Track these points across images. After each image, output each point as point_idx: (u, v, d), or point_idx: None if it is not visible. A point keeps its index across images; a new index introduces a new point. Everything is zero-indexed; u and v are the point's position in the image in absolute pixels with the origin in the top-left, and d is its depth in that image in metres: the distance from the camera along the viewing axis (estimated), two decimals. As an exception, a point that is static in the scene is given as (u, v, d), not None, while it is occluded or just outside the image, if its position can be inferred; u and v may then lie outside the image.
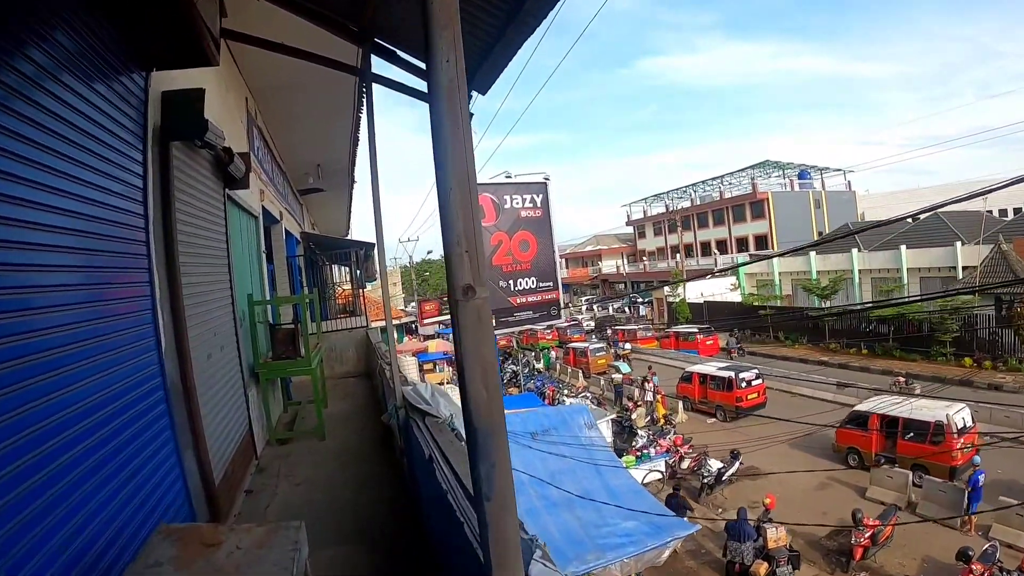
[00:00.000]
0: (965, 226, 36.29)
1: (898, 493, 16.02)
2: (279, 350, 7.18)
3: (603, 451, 12.76)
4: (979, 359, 27.72)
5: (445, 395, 4.96)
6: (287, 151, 12.99)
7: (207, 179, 5.65)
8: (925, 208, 12.21)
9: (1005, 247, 29.27)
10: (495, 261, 29.47)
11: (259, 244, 8.78)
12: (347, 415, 8.74)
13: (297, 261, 13.51)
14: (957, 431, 16.65)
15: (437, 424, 4.40)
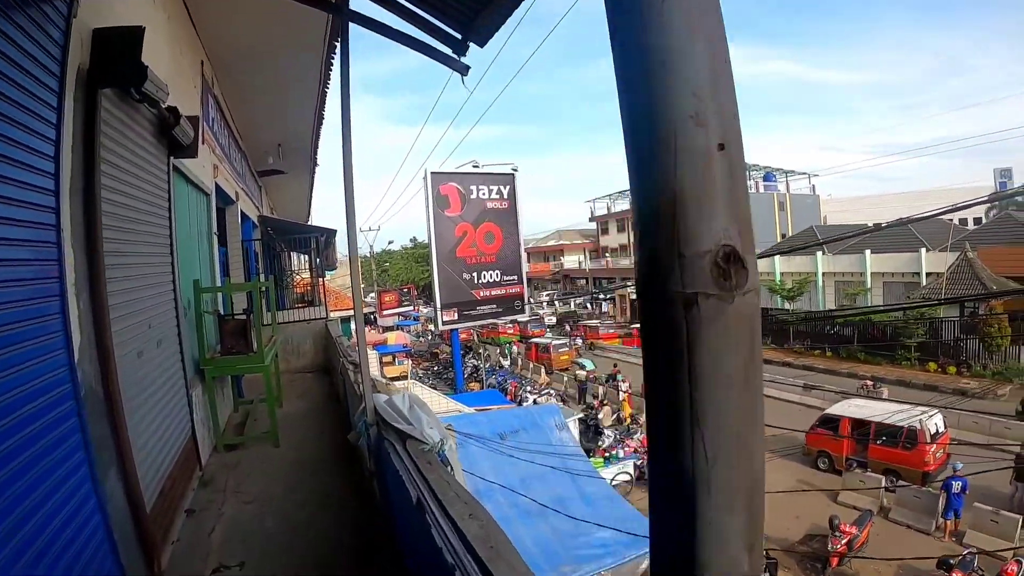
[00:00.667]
0: (929, 233, 36.73)
1: (871, 498, 15.82)
2: (228, 344, 6.32)
3: (575, 454, 12.15)
4: (943, 364, 28.03)
5: (425, 408, 4.06)
6: (246, 127, 12.03)
7: (147, 142, 4.77)
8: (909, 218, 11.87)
9: (971, 255, 29.48)
10: (459, 253, 28.70)
11: (210, 224, 7.89)
12: (304, 416, 7.89)
13: (253, 246, 12.53)
14: (930, 437, 16.56)
15: (423, 453, 3.54)
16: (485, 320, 32.02)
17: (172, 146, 5.38)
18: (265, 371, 6.29)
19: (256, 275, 12.16)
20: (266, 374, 6.31)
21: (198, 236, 7.15)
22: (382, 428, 4.17)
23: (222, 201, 9.89)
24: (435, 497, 2.64)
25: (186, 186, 6.61)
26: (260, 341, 6.19)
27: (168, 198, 5.35)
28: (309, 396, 9.14)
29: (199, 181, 7.11)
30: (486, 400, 21.13)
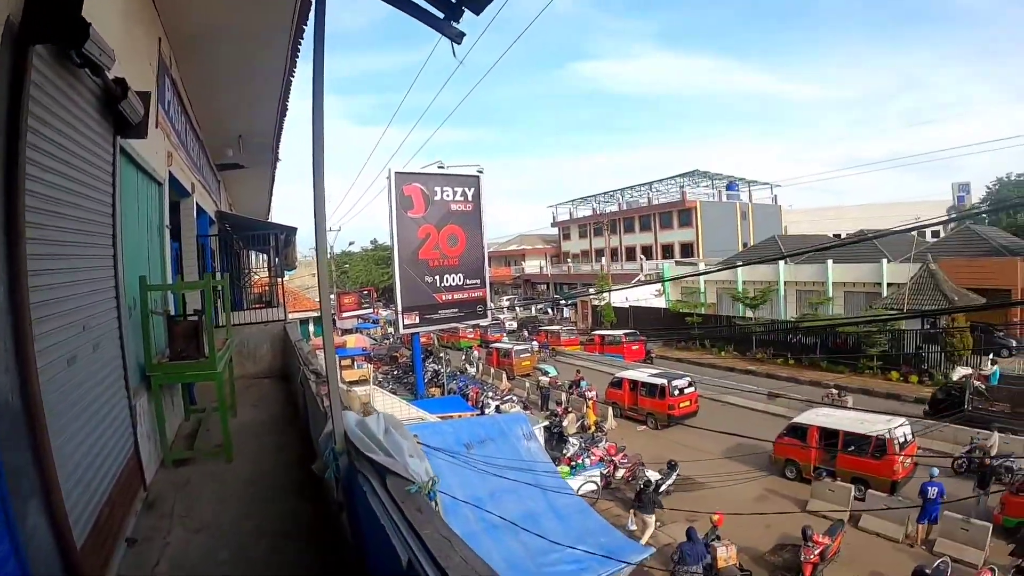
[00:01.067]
0: (890, 244, 37.79)
1: (840, 507, 15.85)
2: (178, 348, 5.69)
3: (545, 465, 11.67)
4: (906, 374, 28.55)
5: (403, 430, 3.44)
6: (206, 116, 11.32)
7: (88, 116, 4.14)
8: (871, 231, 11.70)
9: (933, 267, 30.19)
10: (421, 255, 28.14)
11: (162, 216, 7.23)
12: (260, 427, 7.21)
13: (209, 242, 11.80)
14: (898, 446, 16.58)
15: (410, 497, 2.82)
16: (447, 324, 31.51)
17: (119, 124, 4.77)
18: (217, 379, 5.69)
19: (212, 273, 11.47)
20: (218, 382, 5.67)
21: (148, 229, 6.50)
22: (354, 458, 3.53)
23: (177, 193, 9.20)
24: (434, 562, 2.02)
25: (135, 172, 5.98)
26: (212, 345, 5.56)
27: (112, 183, 4.73)
28: (266, 404, 8.43)
29: (150, 168, 6.47)
30: (449, 406, 20.59)
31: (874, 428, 17.17)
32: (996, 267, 32.01)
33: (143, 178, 6.36)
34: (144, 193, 6.41)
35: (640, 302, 48.93)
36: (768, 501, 17.42)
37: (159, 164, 7.02)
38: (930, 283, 29.69)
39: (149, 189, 6.68)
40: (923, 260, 31.40)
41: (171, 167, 7.80)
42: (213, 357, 5.52)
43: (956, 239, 37.52)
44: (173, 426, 6.55)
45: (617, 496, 18.25)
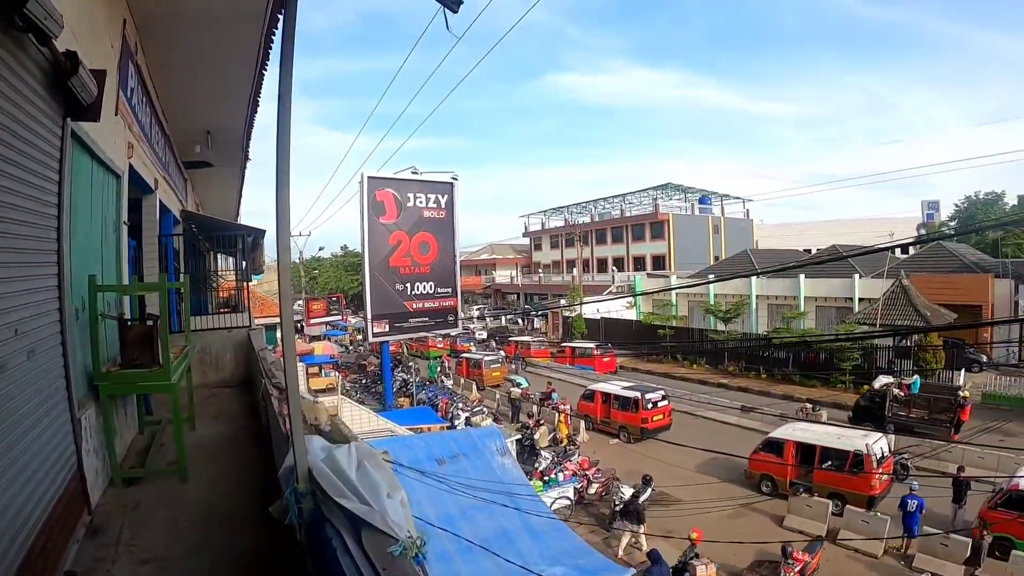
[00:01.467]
0: (861, 260, 38.19)
1: (817, 522, 15.77)
2: (131, 355, 5.16)
3: (519, 482, 11.20)
4: None
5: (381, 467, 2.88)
6: (173, 109, 10.73)
7: (31, 90, 3.65)
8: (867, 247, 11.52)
9: (906, 282, 30.37)
10: (392, 262, 27.59)
11: (119, 212, 6.66)
12: (219, 443, 6.69)
13: (173, 242, 11.19)
14: (876, 461, 16.59)
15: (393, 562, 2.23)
16: (417, 333, 30.96)
17: (69, 105, 4.27)
18: (172, 390, 5.19)
19: (175, 276, 10.87)
20: (173, 393, 5.15)
21: (103, 224, 5.96)
22: (320, 501, 2.88)
23: (138, 188, 8.65)
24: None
25: (89, 162, 5.45)
26: (167, 353, 5.02)
27: (59, 170, 4.23)
28: (227, 417, 7.83)
29: (107, 159, 5.94)
30: (418, 418, 20.07)
31: (852, 443, 17.19)
32: (967, 283, 32.57)
33: (99, 169, 5.83)
34: (100, 185, 5.88)
35: (611, 314, 48.79)
36: (744, 517, 17.30)
37: (118, 154, 6.49)
38: (903, 298, 29.80)
39: (106, 181, 6.14)
40: (896, 275, 31.61)
41: (132, 159, 7.26)
42: (168, 366, 4.96)
43: (927, 255, 37.98)
44: (125, 440, 5.99)
45: (591, 512, 17.90)
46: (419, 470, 9.11)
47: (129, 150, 7.14)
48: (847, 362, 30.30)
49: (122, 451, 5.67)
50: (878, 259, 38.14)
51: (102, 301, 5.30)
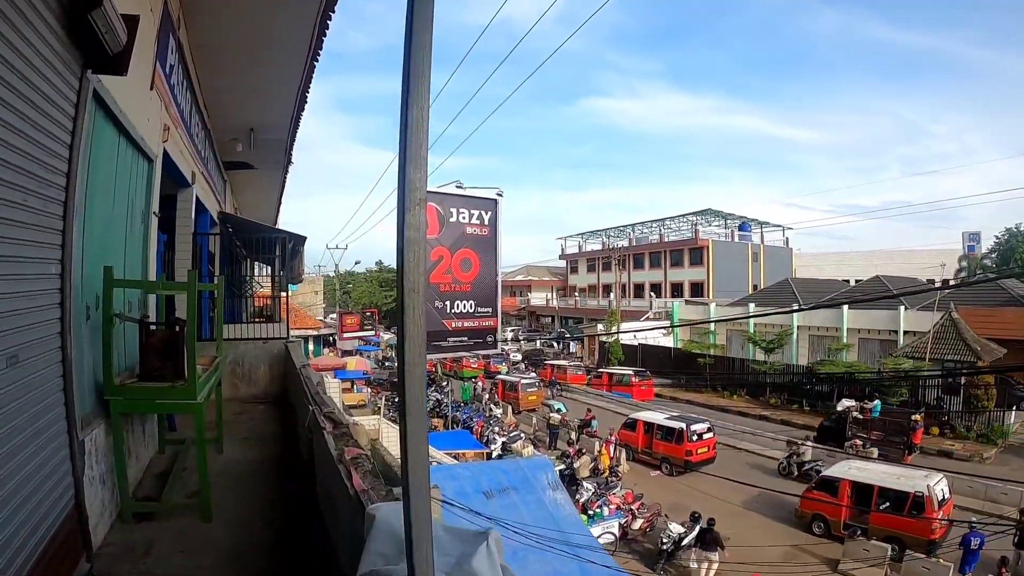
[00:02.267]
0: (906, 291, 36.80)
1: (875, 569, 14.67)
2: (151, 365, 4.27)
3: (574, 523, 10.18)
4: (926, 425, 27.00)
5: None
6: (215, 100, 10.00)
7: (37, 21, 2.84)
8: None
9: (955, 315, 29.04)
10: (432, 279, 26.60)
11: (149, 200, 5.86)
12: (250, 470, 5.63)
13: (208, 242, 10.43)
14: (937, 503, 15.59)
15: None
16: (455, 352, 29.97)
17: (90, 54, 3.46)
18: (197, 411, 4.24)
19: (209, 279, 10.11)
20: (198, 415, 4.29)
21: (128, 212, 5.15)
22: None
23: (173, 180, 7.90)
24: None
25: (115, 135, 4.65)
26: (194, 365, 4.08)
27: (72, 131, 3.41)
28: (259, 440, 6.80)
29: (138, 136, 5.15)
30: (456, 442, 19.10)
31: (912, 484, 16.12)
32: (1016, 317, 30.94)
33: (127, 146, 5.03)
34: (127, 165, 5.08)
35: (648, 340, 47.65)
36: (795, 560, 16.11)
37: (151, 135, 5.71)
38: (953, 332, 28.51)
39: (135, 163, 5.35)
40: (945, 308, 30.33)
41: (167, 144, 6.48)
42: (194, 381, 4.04)
43: (973, 287, 36.28)
44: (142, 461, 5.10)
45: (634, 548, 16.78)
46: (467, 507, 8.12)
47: (165, 133, 6.37)
48: (895, 397, 29.08)
49: (137, 475, 4.79)
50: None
51: (121, 299, 4.48)
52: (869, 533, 15.86)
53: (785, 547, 16.70)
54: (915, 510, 15.59)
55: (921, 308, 34.04)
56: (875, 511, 16.27)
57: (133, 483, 4.58)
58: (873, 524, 16.12)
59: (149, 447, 5.35)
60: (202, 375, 4.37)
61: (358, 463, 3.46)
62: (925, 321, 31.90)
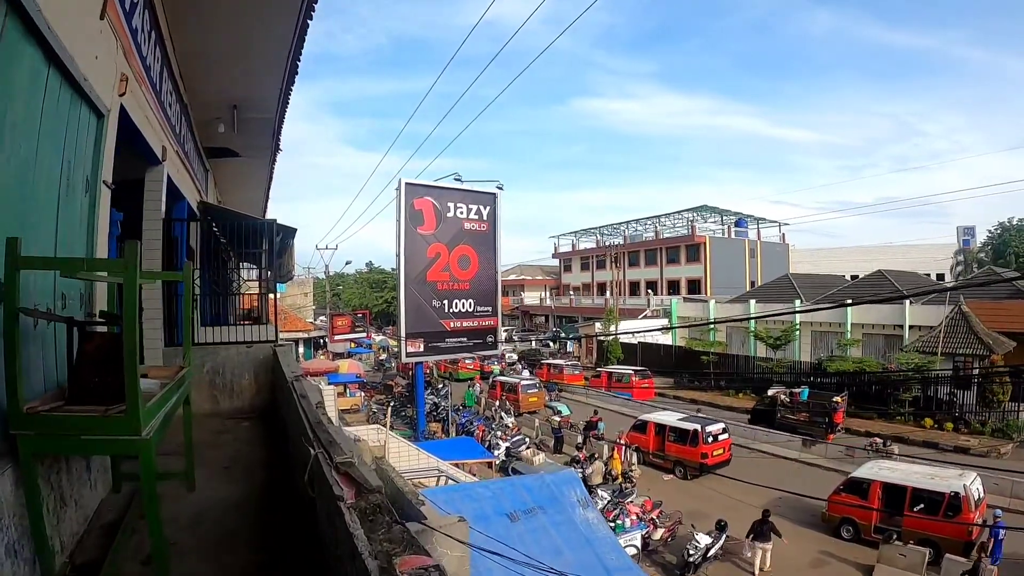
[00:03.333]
0: (909, 287, 36.64)
1: (912, 573, 13.94)
2: (86, 382, 3.00)
3: (611, 546, 8.92)
4: (940, 420, 27.19)
5: None
6: (191, 67, 8.63)
7: None
8: None
9: (966, 309, 28.95)
10: (430, 276, 25.36)
11: (98, 166, 4.55)
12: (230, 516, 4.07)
13: (186, 232, 9.05)
14: (973, 503, 14.96)
15: None
16: (454, 354, 28.75)
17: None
18: (144, 451, 2.76)
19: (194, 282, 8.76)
20: (145, 458, 2.79)
21: (65, 175, 3.85)
22: None
23: (139, 152, 6.59)
24: None
25: (41, 61, 3.35)
26: (135, 384, 2.68)
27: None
28: (243, 468, 5.19)
29: (78, 73, 3.86)
30: (461, 450, 17.78)
31: (947, 484, 15.44)
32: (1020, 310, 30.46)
33: (62, 85, 3.73)
34: (61, 111, 3.78)
35: (647, 338, 46.76)
36: (827, 566, 15.41)
37: (100, 79, 4.40)
38: (963, 326, 28.38)
39: (75, 110, 4.03)
40: (955, 302, 30.16)
41: (125, 99, 5.18)
42: (136, 408, 2.64)
43: (980, 281, 36.26)
44: (85, 508, 3.73)
45: (656, 560, 15.62)
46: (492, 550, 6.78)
47: (122, 84, 5.06)
48: (907, 393, 28.93)
49: (77, 529, 3.45)
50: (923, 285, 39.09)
51: (46, 290, 3.20)
52: (902, 536, 15.18)
53: (813, 553, 16.00)
54: (950, 511, 14.98)
55: (927, 303, 33.82)
56: (908, 513, 15.45)
57: (70, 543, 3.26)
58: (906, 527, 15.36)
59: (97, 487, 3.93)
60: (157, 395, 3.05)
61: None
62: (931, 315, 31.93)
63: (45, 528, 2.78)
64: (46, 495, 2.97)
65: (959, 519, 14.84)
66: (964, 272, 59.39)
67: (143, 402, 2.67)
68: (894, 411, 28.85)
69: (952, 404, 27.71)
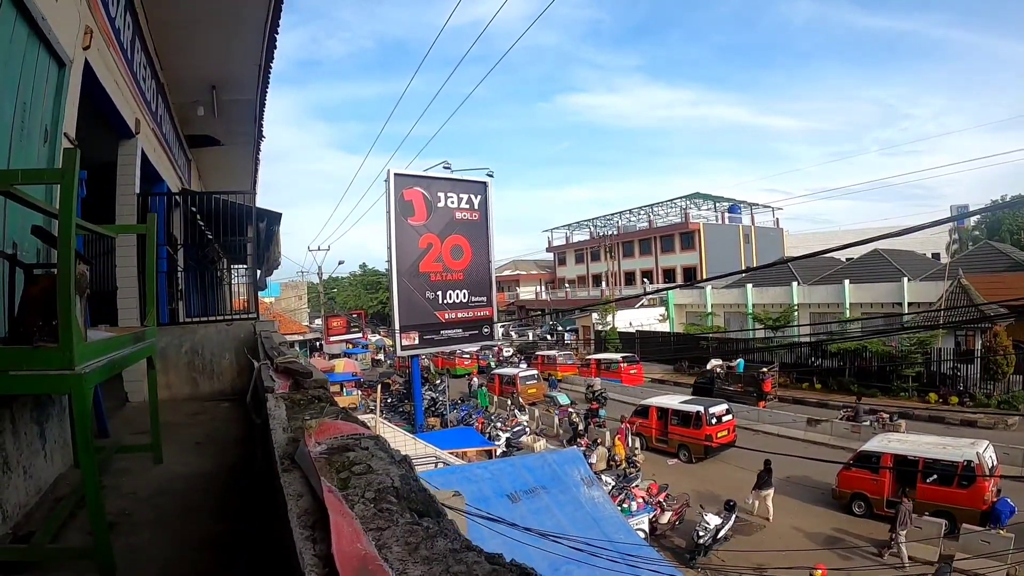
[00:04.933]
0: (906, 264, 37.16)
1: (929, 546, 13.81)
2: (27, 325, 2.62)
3: (618, 524, 8.58)
4: (944, 394, 27.03)
5: None
6: (167, 40, 8.26)
7: None
8: None
9: (965, 282, 28.88)
10: (422, 268, 25.01)
11: (58, 118, 4.20)
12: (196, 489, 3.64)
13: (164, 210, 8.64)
14: (988, 471, 14.71)
15: None
16: (450, 346, 28.37)
17: None
18: (77, 387, 2.36)
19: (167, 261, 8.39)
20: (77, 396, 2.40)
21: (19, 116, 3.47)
22: None
23: (109, 123, 6.25)
24: None
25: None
26: (69, 316, 2.27)
27: None
28: (216, 443, 4.74)
29: (36, 11, 3.56)
30: (461, 440, 17.45)
31: (960, 453, 15.33)
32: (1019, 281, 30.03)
33: (18, 21, 3.41)
34: (17, 48, 3.45)
35: (644, 326, 46.42)
36: (841, 543, 14.95)
37: (61, 25, 4.08)
38: (963, 298, 28.27)
39: (32, 51, 3.70)
40: (954, 275, 30.18)
41: (90, 54, 4.85)
42: (69, 342, 2.27)
43: (976, 255, 36.00)
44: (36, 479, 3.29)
45: (664, 544, 15.31)
46: (491, 515, 6.46)
47: (86, 37, 4.73)
48: (910, 368, 28.74)
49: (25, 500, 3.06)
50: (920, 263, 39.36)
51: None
52: (915, 509, 14.66)
53: (826, 530, 15.66)
54: (964, 481, 14.74)
55: (925, 279, 33.89)
56: (921, 484, 15.30)
57: (16, 513, 2.91)
58: (919, 499, 15.03)
59: (53, 459, 3.57)
60: (101, 337, 2.70)
61: (337, 459, 1.84)
62: (929, 291, 31.84)
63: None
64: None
65: (973, 488, 14.58)
66: (959, 250, 59.32)
67: (79, 336, 2.32)
68: (897, 387, 28.66)
69: (956, 378, 27.56)
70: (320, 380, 2.34)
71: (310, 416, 2.08)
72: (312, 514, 1.58)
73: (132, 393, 6.41)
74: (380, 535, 1.37)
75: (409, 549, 1.31)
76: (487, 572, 1.19)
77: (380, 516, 1.47)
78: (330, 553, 1.27)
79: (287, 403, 2.40)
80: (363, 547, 1.29)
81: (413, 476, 1.72)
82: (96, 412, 4.37)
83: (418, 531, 1.39)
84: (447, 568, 1.21)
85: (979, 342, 27.58)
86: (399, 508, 1.53)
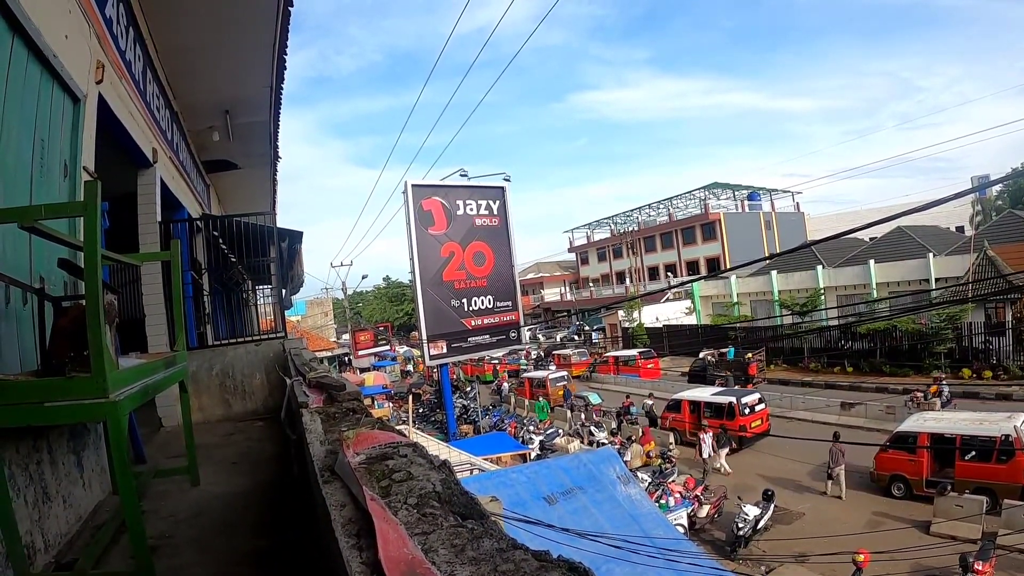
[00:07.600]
0: (931, 239, 36.63)
1: (971, 524, 13.45)
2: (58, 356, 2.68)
3: (658, 521, 8.52)
4: (978, 369, 26.66)
5: None
6: (176, 66, 8.33)
7: None
8: None
9: (991, 253, 28.53)
10: (446, 276, 25.07)
11: (76, 152, 4.29)
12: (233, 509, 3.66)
13: (187, 236, 8.77)
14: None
15: None
16: (478, 352, 28.40)
17: None
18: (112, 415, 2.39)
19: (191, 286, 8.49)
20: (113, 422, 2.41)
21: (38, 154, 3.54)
22: None
23: (126, 152, 6.36)
24: None
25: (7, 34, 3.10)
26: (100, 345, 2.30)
27: None
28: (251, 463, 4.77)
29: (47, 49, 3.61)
30: (494, 445, 17.47)
31: (997, 427, 15.04)
32: None
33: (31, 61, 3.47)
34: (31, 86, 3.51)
35: (669, 321, 46.32)
36: (882, 526, 14.75)
37: (73, 61, 4.16)
38: (991, 270, 27.85)
39: (46, 88, 3.78)
40: (980, 247, 29.68)
41: (103, 87, 4.94)
42: (102, 370, 2.32)
43: (1002, 225, 35.09)
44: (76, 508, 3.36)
45: (704, 538, 15.18)
46: (528, 518, 6.46)
47: (99, 71, 4.82)
48: (942, 345, 28.44)
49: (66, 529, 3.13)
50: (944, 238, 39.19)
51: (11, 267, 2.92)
52: (955, 487, 14.71)
53: (866, 515, 15.49)
54: (1003, 456, 14.47)
55: (949, 253, 33.44)
56: (960, 462, 15.05)
57: (57, 542, 2.97)
58: (958, 477, 14.91)
59: (92, 487, 3.64)
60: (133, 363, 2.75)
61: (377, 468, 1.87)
62: (956, 266, 31.33)
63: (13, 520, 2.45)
64: (23, 484, 2.68)
65: (1012, 463, 14.30)
66: (983, 221, 58.25)
67: (111, 364, 2.36)
68: (929, 364, 28.22)
69: (988, 352, 27.20)
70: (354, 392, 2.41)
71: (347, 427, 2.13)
72: (356, 523, 1.64)
73: (166, 418, 6.51)
74: (426, 539, 1.41)
75: (456, 551, 1.34)
76: (535, 569, 1.23)
77: (424, 521, 1.52)
78: (377, 559, 1.32)
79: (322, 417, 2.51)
80: (410, 551, 1.33)
81: (454, 480, 1.75)
82: (132, 438, 4.43)
83: (463, 533, 1.43)
84: (495, 567, 1.24)
85: (1009, 313, 27.12)
86: (442, 512, 1.58)
